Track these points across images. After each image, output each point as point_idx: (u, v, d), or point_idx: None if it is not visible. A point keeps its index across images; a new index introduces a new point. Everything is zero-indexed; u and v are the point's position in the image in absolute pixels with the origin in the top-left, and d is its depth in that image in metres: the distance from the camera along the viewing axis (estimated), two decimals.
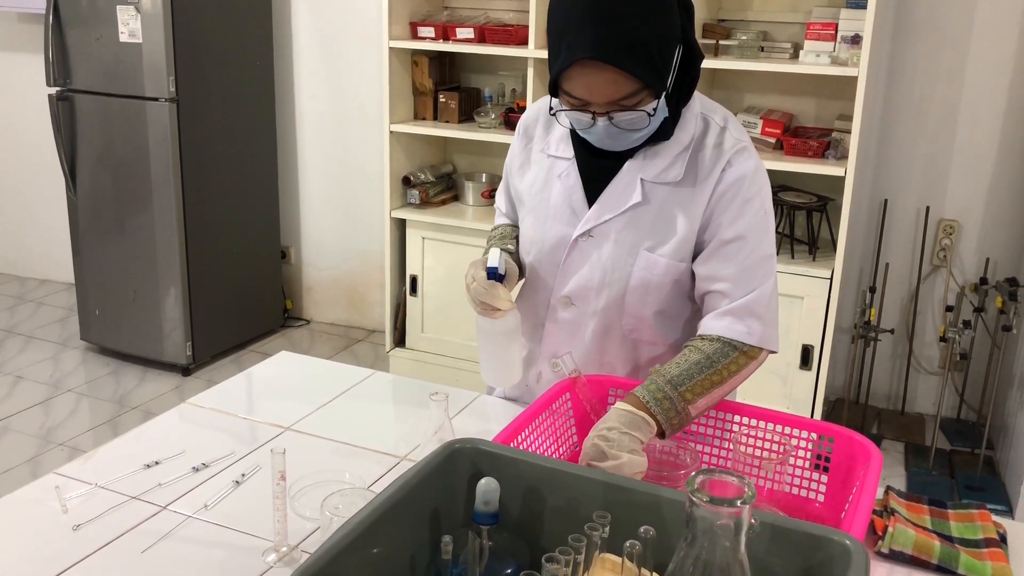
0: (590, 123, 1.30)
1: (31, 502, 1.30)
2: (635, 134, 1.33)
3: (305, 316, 4.43)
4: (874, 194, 3.38)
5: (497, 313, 1.41)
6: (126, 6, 3.40)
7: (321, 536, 1.16)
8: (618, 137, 1.33)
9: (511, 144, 1.58)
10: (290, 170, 4.23)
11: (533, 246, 1.50)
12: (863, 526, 1.03)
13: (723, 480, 0.82)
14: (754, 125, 3.15)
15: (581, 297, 1.47)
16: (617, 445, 1.20)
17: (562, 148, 1.47)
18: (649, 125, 1.32)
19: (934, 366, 3.47)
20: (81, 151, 3.69)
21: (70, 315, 4.28)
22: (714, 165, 1.37)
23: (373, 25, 3.79)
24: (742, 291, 1.35)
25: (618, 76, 1.25)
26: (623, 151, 1.39)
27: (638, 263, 1.40)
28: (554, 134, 1.49)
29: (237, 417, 1.58)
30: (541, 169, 1.50)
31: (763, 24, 3.27)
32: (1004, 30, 3.11)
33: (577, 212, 1.44)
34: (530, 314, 1.55)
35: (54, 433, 3.25)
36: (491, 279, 1.41)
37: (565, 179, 1.45)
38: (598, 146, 1.38)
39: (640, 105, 1.28)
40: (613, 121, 1.29)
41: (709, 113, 1.42)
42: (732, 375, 1.32)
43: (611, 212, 1.40)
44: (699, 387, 1.28)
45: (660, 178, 1.38)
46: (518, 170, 1.55)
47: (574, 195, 1.44)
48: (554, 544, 0.97)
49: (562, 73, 1.28)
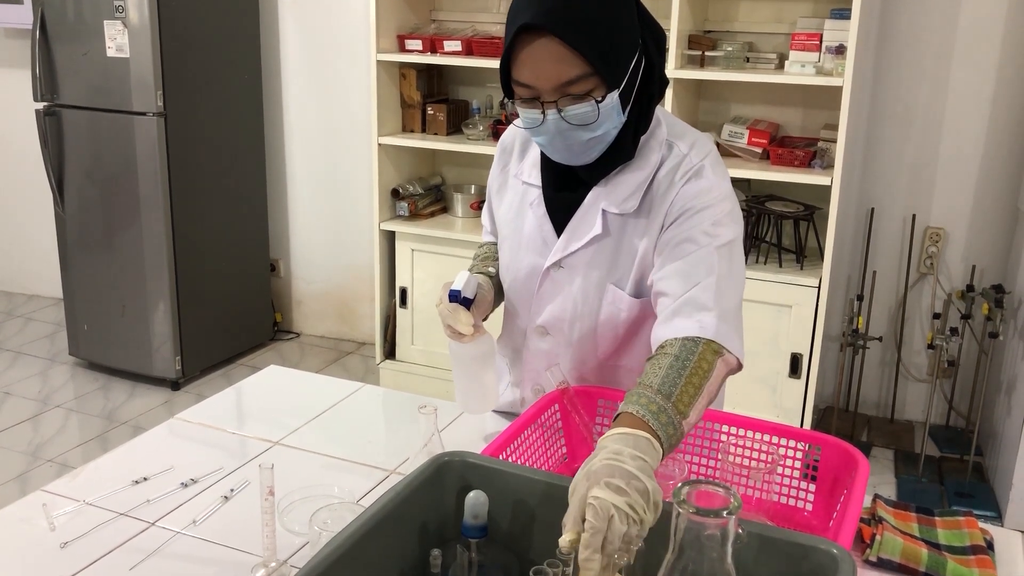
0: (540, 118, 1.24)
1: (18, 520, 1.29)
2: (586, 133, 1.26)
3: (295, 329, 4.42)
4: (860, 203, 3.40)
5: (463, 339, 1.39)
6: (113, 21, 3.40)
7: (310, 551, 1.16)
8: (569, 137, 1.26)
9: (493, 164, 1.56)
10: (279, 183, 4.23)
11: (508, 274, 1.49)
12: (850, 535, 1.04)
13: (709, 491, 0.82)
14: (740, 135, 3.17)
15: (555, 328, 1.46)
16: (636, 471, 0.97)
17: (534, 175, 1.44)
18: (601, 123, 1.25)
19: (922, 373, 3.48)
20: (69, 166, 3.69)
21: (58, 330, 4.26)
22: (667, 192, 1.32)
23: (361, 38, 3.80)
24: (684, 287, 1.26)
25: (563, 51, 1.19)
26: (587, 179, 1.36)
27: (606, 297, 1.38)
28: (528, 160, 1.46)
29: (226, 432, 1.58)
30: (516, 195, 1.48)
31: (748, 35, 3.29)
32: (987, 39, 3.14)
33: (547, 242, 1.42)
34: (509, 341, 1.55)
35: (43, 449, 3.23)
36: (454, 302, 1.38)
37: (536, 208, 1.43)
38: (553, 157, 1.33)
39: (590, 95, 1.22)
40: (563, 114, 1.23)
41: (676, 140, 1.36)
42: (706, 375, 1.17)
43: (577, 243, 1.37)
44: (685, 395, 1.13)
45: (620, 208, 1.34)
46: (497, 193, 1.54)
47: (544, 225, 1.42)
48: (542, 556, 0.98)
49: (510, 54, 1.24)
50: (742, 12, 3.30)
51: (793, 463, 1.31)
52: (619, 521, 0.90)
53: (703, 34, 3.29)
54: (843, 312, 3.47)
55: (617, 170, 1.35)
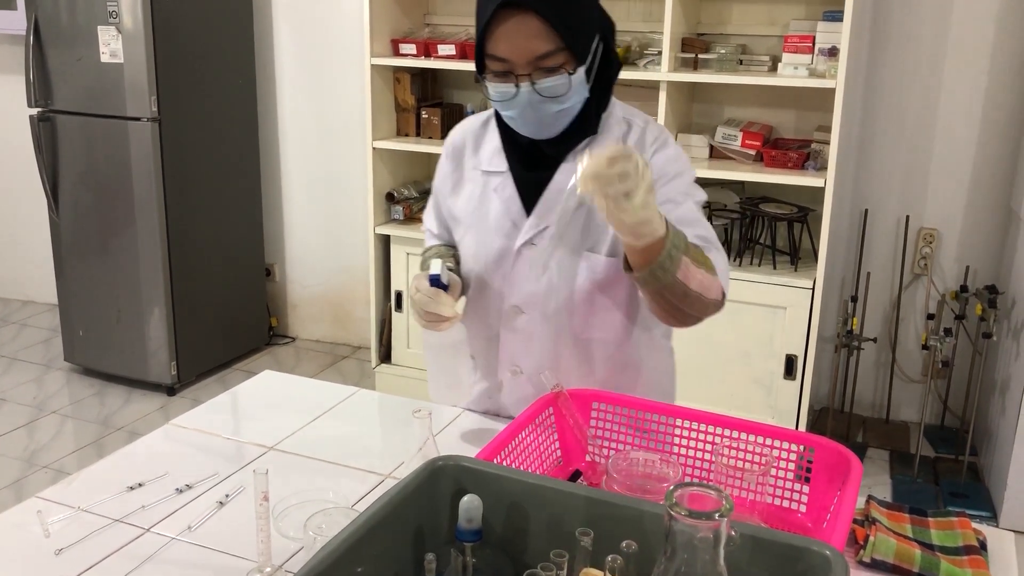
0: (514, 91, 1.34)
1: (12, 527, 1.29)
2: (556, 106, 1.35)
3: (290, 333, 4.42)
4: (854, 204, 3.41)
5: (443, 324, 1.41)
6: (107, 26, 3.41)
7: (305, 556, 1.16)
8: (540, 110, 1.35)
9: (439, 166, 1.61)
10: (273, 188, 4.23)
11: (478, 260, 1.52)
12: (843, 536, 1.04)
13: (702, 493, 0.82)
14: (734, 138, 3.18)
15: (531, 304, 1.51)
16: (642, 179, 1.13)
17: (495, 162, 1.51)
18: (571, 94, 1.35)
19: (917, 374, 3.49)
20: (63, 171, 3.68)
21: (54, 336, 4.26)
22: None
23: (355, 43, 3.80)
24: (703, 228, 1.40)
25: (539, 27, 1.30)
26: (555, 156, 1.44)
27: (582, 265, 1.45)
28: (485, 150, 1.53)
29: (221, 437, 1.58)
30: (476, 186, 1.53)
31: (741, 37, 3.30)
32: (979, 40, 3.15)
33: (517, 223, 1.48)
34: (482, 327, 1.58)
35: (38, 456, 3.23)
36: (434, 287, 1.41)
37: (501, 191, 1.50)
38: (522, 130, 1.41)
39: (561, 69, 1.33)
40: (535, 87, 1.33)
41: (631, 116, 1.49)
42: (710, 272, 1.31)
43: (549, 219, 1.44)
44: (696, 252, 1.29)
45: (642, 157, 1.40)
46: (451, 190, 1.58)
47: (512, 206, 1.49)
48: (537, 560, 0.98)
49: (486, 30, 1.32)
50: (735, 15, 3.31)
51: (787, 465, 1.31)
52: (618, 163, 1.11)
53: (696, 37, 3.30)
54: (837, 313, 3.48)
55: (584, 144, 1.44)
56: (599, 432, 1.41)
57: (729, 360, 3.13)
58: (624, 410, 1.40)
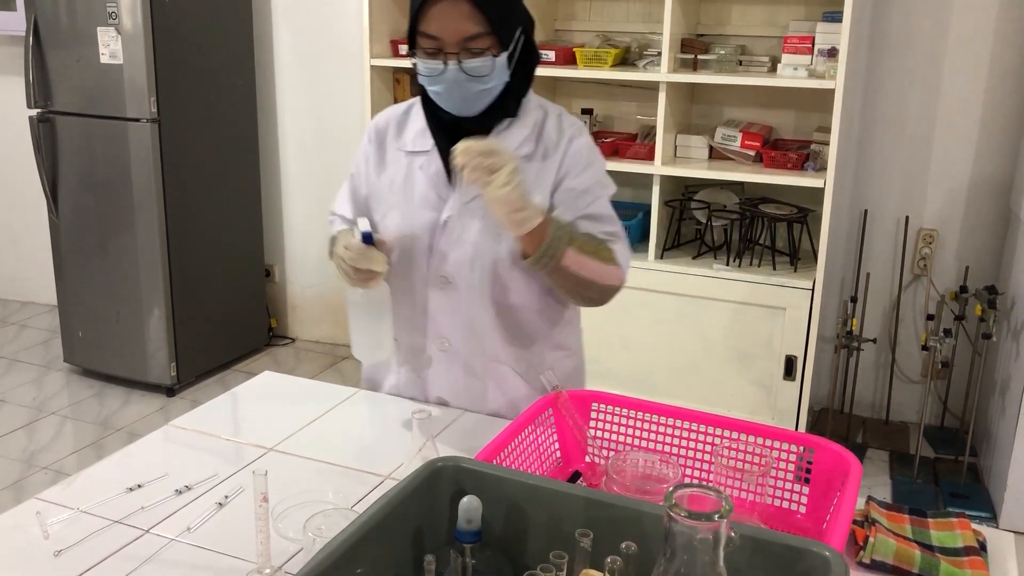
0: (442, 68, 1.46)
1: (11, 528, 1.29)
2: (478, 85, 1.47)
3: (290, 334, 4.42)
4: (854, 205, 3.41)
5: (373, 281, 1.49)
6: (107, 27, 3.41)
7: (304, 557, 1.16)
8: (464, 87, 1.47)
9: (360, 151, 1.69)
10: (273, 188, 4.23)
11: (404, 235, 1.59)
12: (843, 537, 1.04)
13: (701, 494, 0.82)
14: (733, 138, 3.18)
15: (457, 273, 1.59)
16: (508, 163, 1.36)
17: (419, 143, 1.61)
18: (493, 76, 1.48)
19: (917, 374, 3.49)
20: (63, 172, 3.68)
21: (53, 337, 4.26)
22: (559, 140, 1.58)
23: (354, 44, 3.80)
24: (609, 224, 1.58)
25: (469, 10, 1.43)
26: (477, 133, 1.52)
27: (505, 235, 1.52)
28: (408, 133, 1.63)
29: (220, 438, 1.58)
30: (399, 167, 1.63)
31: (741, 38, 3.30)
32: (978, 41, 3.16)
33: (443, 196, 1.58)
34: (409, 300, 1.63)
35: (37, 457, 3.23)
36: (366, 243, 1.47)
37: (427, 168, 1.59)
38: (445, 105, 1.52)
39: (486, 52, 1.46)
40: (462, 66, 1.45)
41: (547, 106, 1.63)
42: (604, 261, 1.52)
43: (474, 192, 1.52)
44: (585, 245, 1.49)
45: (515, 152, 1.52)
46: (374, 171, 1.65)
47: (438, 181, 1.58)
48: (536, 561, 0.98)
49: (420, 9, 1.44)
50: (735, 15, 3.31)
51: (786, 466, 1.31)
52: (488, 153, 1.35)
53: (696, 37, 3.30)
54: (837, 314, 3.48)
55: (505, 124, 1.57)
56: (599, 433, 1.41)
57: (729, 361, 3.13)
58: (624, 411, 1.40)
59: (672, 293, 3.17)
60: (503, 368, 1.65)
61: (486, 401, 1.67)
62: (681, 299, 3.16)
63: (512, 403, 1.66)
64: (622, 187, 3.56)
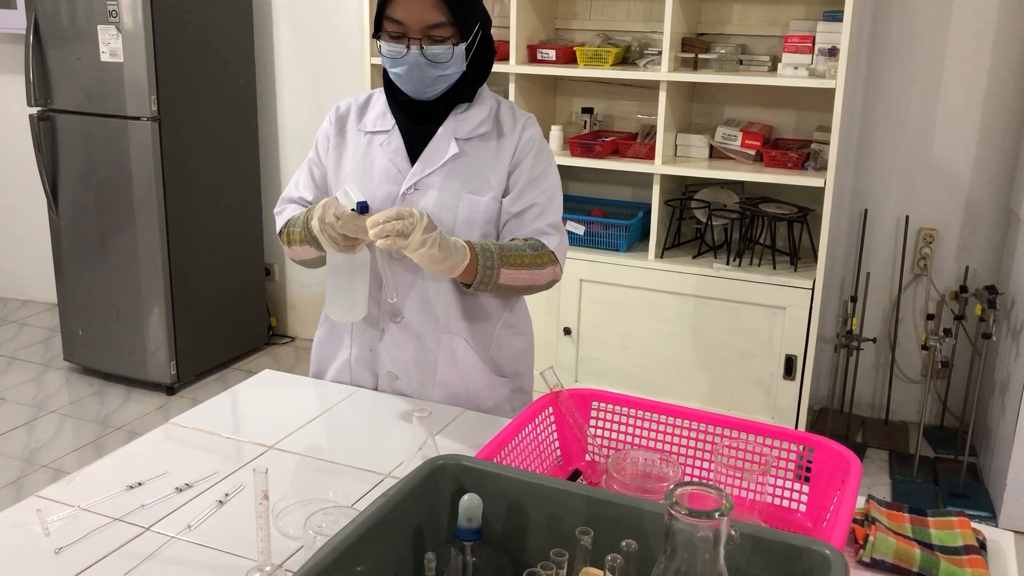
0: (404, 52, 1.57)
1: (12, 526, 1.29)
2: (437, 71, 1.59)
3: (290, 333, 4.42)
4: (854, 204, 3.41)
5: (358, 247, 1.55)
6: (107, 25, 3.40)
7: (305, 555, 1.16)
8: (424, 72, 1.59)
9: (320, 134, 1.77)
10: (273, 187, 4.23)
11: None
12: (843, 535, 1.04)
13: (701, 493, 0.82)
14: (734, 138, 3.18)
15: None
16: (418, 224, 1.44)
17: (379, 124, 1.71)
18: (452, 64, 1.60)
19: (916, 374, 3.49)
20: (63, 171, 3.68)
21: (53, 335, 4.26)
22: (514, 125, 1.71)
23: (355, 42, 3.80)
24: (552, 215, 1.69)
25: (435, 1, 1.55)
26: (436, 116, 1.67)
27: (462, 205, 1.65)
28: (369, 117, 1.73)
29: (221, 436, 1.58)
30: (359, 146, 1.72)
31: (741, 37, 3.30)
32: (978, 41, 3.16)
33: (402, 171, 1.67)
34: None
35: (37, 455, 3.23)
36: (362, 212, 1.50)
37: (387, 147, 1.69)
38: (404, 88, 1.63)
39: (447, 40, 1.57)
40: (423, 52, 1.57)
41: (499, 98, 1.76)
42: (538, 267, 1.64)
43: (433, 166, 1.66)
44: (515, 259, 1.60)
45: (472, 134, 1.68)
46: (334, 151, 1.74)
47: (398, 157, 1.68)
48: (537, 559, 0.98)
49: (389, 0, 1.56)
50: (735, 15, 3.31)
51: (786, 464, 1.31)
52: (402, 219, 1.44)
53: (696, 37, 3.30)
54: (837, 313, 3.48)
55: (463, 108, 1.69)
56: (599, 431, 1.41)
57: (729, 360, 3.14)
58: (624, 409, 1.40)
59: (672, 292, 3.17)
60: (456, 340, 1.71)
61: (436, 375, 1.72)
62: (681, 298, 3.16)
63: (463, 377, 1.72)
64: (622, 186, 3.57)
